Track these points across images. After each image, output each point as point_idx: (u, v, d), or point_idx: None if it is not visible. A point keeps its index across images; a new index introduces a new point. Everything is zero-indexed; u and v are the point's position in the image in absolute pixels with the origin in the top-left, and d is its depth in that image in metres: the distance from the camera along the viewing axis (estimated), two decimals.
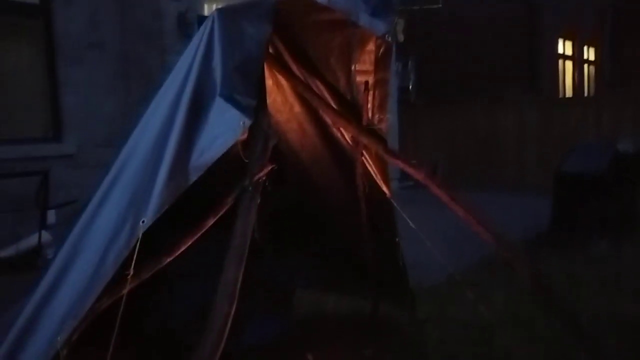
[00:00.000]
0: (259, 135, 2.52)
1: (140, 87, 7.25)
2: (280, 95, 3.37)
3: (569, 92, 16.33)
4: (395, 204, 3.57)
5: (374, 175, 3.39)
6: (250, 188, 2.38)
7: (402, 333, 4.70)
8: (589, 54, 17.72)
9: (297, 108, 3.40)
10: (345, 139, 3.40)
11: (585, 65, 17.60)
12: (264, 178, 2.44)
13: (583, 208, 6.93)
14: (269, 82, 3.28)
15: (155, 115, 2.66)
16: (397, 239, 3.86)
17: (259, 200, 2.38)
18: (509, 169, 12.25)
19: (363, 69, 2.99)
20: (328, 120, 3.33)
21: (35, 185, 5.67)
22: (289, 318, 4.08)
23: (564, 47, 16.16)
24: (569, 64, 16.56)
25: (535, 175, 11.48)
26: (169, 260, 2.38)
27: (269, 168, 2.46)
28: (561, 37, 15.78)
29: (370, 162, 3.37)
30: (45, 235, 5.34)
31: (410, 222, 3.54)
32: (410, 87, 14.35)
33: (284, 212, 3.83)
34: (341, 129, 3.36)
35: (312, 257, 4.15)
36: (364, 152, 3.33)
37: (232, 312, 2.10)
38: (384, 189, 3.42)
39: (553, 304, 3.35)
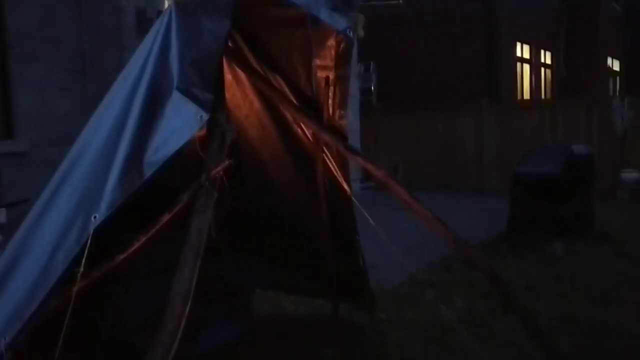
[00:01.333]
0: (217, 130, 2.45)
1: (97, 84, 7.06)
2: (239, 91, 3.31)
3: (527, 95, 16.64)
4: (356, 202, 3.53)
5: (334, 172, 3.35)
6: (206, 184, 2.31)
7: (362, 334, 4.68)
8: (546, 57, 18.10)
9: (257, 104, 3.34)
10: (306, 135, 3.35)
11: (542, 69, 17.96)
12: (221, 174, 2.37)
13: (539, 209, 7.05)
14: (228, 76, 3.21)
15: (109, 110, 2.57)
16: (357, 238, 3.83)
17: (215, 197, 2.31)
18: (468, 171, 12.42)
19: (323, 65, 2.95)
20: (288, 116, 3.28)
21: None
22: (248, 320, 4.00)
23: (522, 50, 16.46)
24: (526, 67, 16.87)
25: (493, 177, 11.67)
26: (122, 258, 2.30)
27: (227, 164, 2.39)
28: (519, 40, 16.07)
29: (331, 160, 3.33)
30: None
31: (370, 220, 3.51)
32: (372, 88, 14.44)
33: (242, 210, 3.76)
34: (301, 125, 3.31)
35: (272, 257, 4.09)
36: (325, 150, 3.29)
37: (186, 312, 2.03)
38: (345, 186, 3.38)
39: (510, 303, 3.36)
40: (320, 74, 2.97)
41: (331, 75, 2.97)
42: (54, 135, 7.05)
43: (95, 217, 2.24)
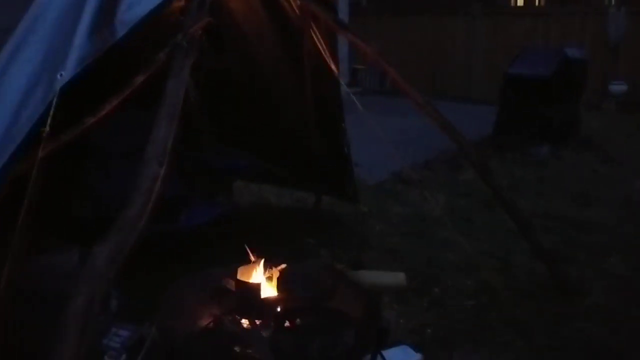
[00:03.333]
0: None
1: None
2: None
3: (520, 2, 16.15)
4: (343, 85, 3.37)
5: (321, 51, 3.16)
6: (184, 43, 2.13)
7: (344, 225, 4.66)
8: None
9: None
10: (292, 8, 3.13)
11: None
12: (200, 33, 2.19)
13: (527, 112, 6.94)
14: None
15: None
16: (342, 125, 3.70)
17: (194, 58, 2.14)
18: (457, 76, 12.20)
19: None
20: None
21: None
22: (229, 204, 3.93)
23: None
24: None
25: (483, 84, 11.47)
26: (93, 121, 2.15)
27: (205, 21, 2.20)
28: None
29: (319, 36, 3.13)
30: None
31: (358, 105, 3.36)
32: None
33: (223, 94, 3.60)
34: None
35: (254, 144, 3.96)
36: (312, 25, 3.08)
37: (162, 174, 1.90)
38: (332, 66, 3.20)
39: (498, 198, 3.31)
40: None
41: None
42: None
43: (61, 74, 2.06)
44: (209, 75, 3.45)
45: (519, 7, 15.09)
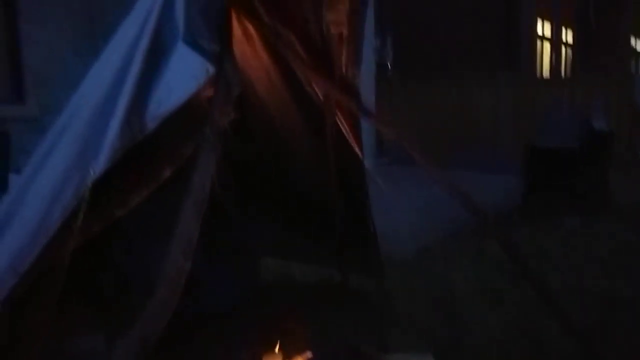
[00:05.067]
0: (223, 82, 2.34)
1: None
2: (249, 47, 3.17)
3: (546, 73, 16.34)
4: (367, 167, 3.42)
5: (345, 134, 3.23)
6: (210, 137, 2.21)
7: (370, 303, 4.60)
8: (567, 36, 17.72)
9: (267, 60, 3.20)
10: (317, 94, 3.22)
11: (563, 47, 17.60)
12: (226, 127, 2.26)
13: (555, 181, 6.90)
14: (237, 31, 3.07)
15: (110, 61, 2.46)
16: (368, 203, 3.72)
17: (220, 151, 2.21)
18: (484, 144, 12.21)
19: (337, 20, 2.81)
20: (299, 73, 3.15)
21: None
22: (253, 284, 3.93)
23: (543, 27, 16.12)
24: (546, 45, 16.54)
25: (510, 153, 11.46)
26: (121, 213, 2.21)
27: (231, 116, 2.28)
28: (540, 17, 15.72)
29: (342, 120, 3.20)
30: None
31: (381, 185, 3.41)
32: (389, 65, 14.26)
33: (250, 170, 3.67)
34: (313, 83, 3.18)
35: (280, 221, 3.99)
36: (336, 109, 3.16)
37: (188, 268, 1.94)
38: (356, 149, 3.26)
39: (524, 274, 3.25)
40: (334, 30, 2.83)
41: (345, 31, 2.84)
42: (64, 99, 6.96)
43: (94, 170, 2.15)
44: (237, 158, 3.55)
45: (545, 78, 15.26)
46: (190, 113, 2.36)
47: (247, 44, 3.14)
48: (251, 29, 3.06)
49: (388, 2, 12.79)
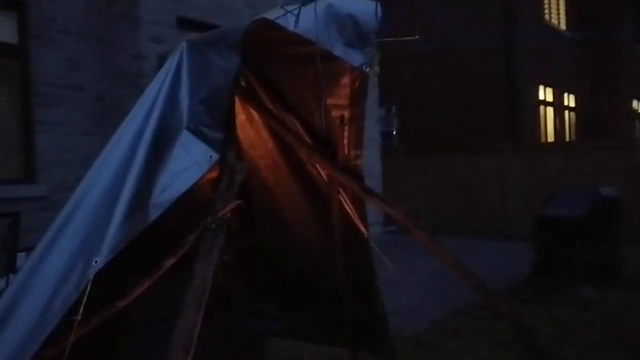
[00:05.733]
0: (226, 169, 2.36)
1: (117, 129, 7.07)
2: (253, 131, 3.23)
3: (550, 138, 16.44)
4: (373, 246, 3.39)
5: (350, 214, 3.23)
6: (213, 226, 2.20)
7: None
8: (570, 100, 17.94)
9: (271, 144, 3.26)
10: (321, 176, 3.25)
11: (566, 112, 17.79)
12: (228, 215, 2.27)
13: (565, 253, 6.81)
14: (241, 117, 3.14)
15: (116, 149, 2.50)
16: (375, 283, 3.67)
17: (222, 240, 2.20)
18: (492, 214, 12.18)
19: (338, 103, 2.86)
20: (302, 157, 3.18)
21: (5, 228, 5.46)
22: None
23: (545, 93, 16.35)
24: (550, 110, 16.72)
25: (518, 220, 11.40)
26: (124, 304, 2.19)
27: (234, 204, 2.29)
28: (542, 83, 15.98)
29: (347, 201, 3.21)
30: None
31: (388, 264, 3.37)
32: (394, 132, 14.42)
33: (255, 254, 3.65)
34: (316, 166, 3.21)
35: (286, 303, 3.93)
36: (340, 191, 3.18)
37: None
38: (361, 229, 3.25)
39: (536, 353, 3.16)
40: (335, 113, 2.88)
41: (346, 114, 2.88)
42: (73, 179, 7.05)
43: (96, 261, 2.14)
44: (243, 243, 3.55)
45: (549, 143, 15.34)
46: (193, 201, 2.38)
47: (251, 129, 3.20)
48: (255, 114, 3.12)
49: (392, 73, 13.09)
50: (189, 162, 2.44)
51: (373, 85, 12.04)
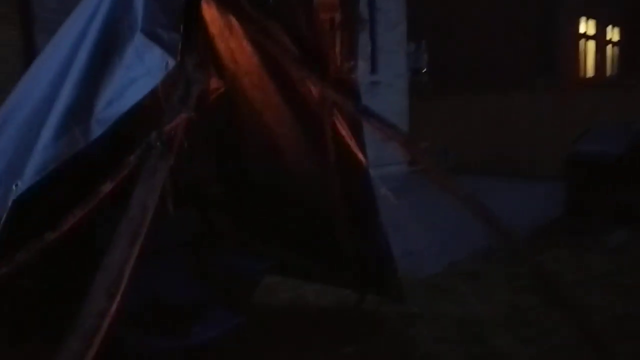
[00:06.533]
0: (181, 77, 1.94)
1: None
2: (234, 42, 2.78)
3: (590, 74, 15.53)
4: (371, 175, 2.97)
5: (347, 140, 2.79)
6: (158, 144, 1.80)
7: (388, 329, 4.12)
8: (613, 34, 16.87)
9: (256, 59, 2.80)
10: (312, 94, 2.79)
11: (609, 46, 16.75)
12: (178, 132, 1.86)
13: (597, 193, 6.28)
14: (218, 23, 2.69)
15: (53, 57, 2.09)
16: (377, 219, 3.27)
17: (171, 162, 1.81)
18: (523, 153, 11.60)
19: (327, 2, 2.38)
20: (291, 72, 2.73)
21: None
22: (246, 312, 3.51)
23: (587, 26, 15.34)
24: (590, 44, 15.71)
25: (549, 161, 10.81)
26: (53, 238, 1.83)
27: (183, 119, 1.88)
28: (584, 15, 14.96)
29: (343, 124, 2.77)
30: None
31: (391, 197, 2.96)
32: (423, 69, 13.89)
33: (241, 186, 3.27)
34: (308, 84, 2.76)
35: (279, 239, 3.56)
36: (335, 113, 2.73)
37: (113, 310, 1.53)
38: (360, 157, 2.82)
39: (556, 299, 2.77)
40: (324, 15, 2.40)
41: (337, 16, 2.41)
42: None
43: (17, 184, 1.77)
44: (229, 172, 3.18)
45: (587, 79, 14.51)
46: (144, 116, 1.97)
47: (231, 38, 2.75)
48: (235, 22, 2.66)
49: (422, 6, 12.38)
50: (142, 71, 2.03)
51: (401, 19, 11.41)
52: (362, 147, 2.87)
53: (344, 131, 2.78)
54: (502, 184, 9.41)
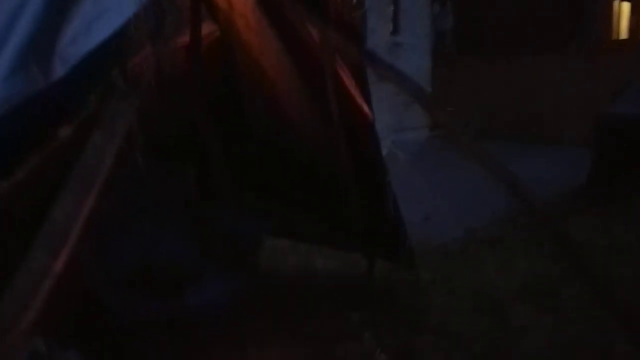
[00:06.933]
0: (154, 10, 1.70)
1: None
2: None
3: (624, 36, 14.86)
4: (376, 131, 2.71)
5: (351, 91, 2.53)
6: (121, 83, 1.57)
7: (397, 297, 3.91)
8: None
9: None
10: (313, 39, 2.52)
11: None
12: (146, 69, 1.63)
13: (627, 158, 5.93)
14: None
15: None
16: (386, 180, 3.02)
17: (136, 104, 1.58)
18: (550, 119, 11.19)
19: None
20: (287, 13, 2.45)
21: None
22: (252, 275, 3.31)
23: None
24: (625, 6, 15.00)
25: (578, 127, 10.40)
26: (7, 187, 1.63)
27: (149, 53, 1.64)
28: None
29: (345, 72, 2.50)
30: None
31: (408, 161, 2.72)
32: (448, 31, 13.48)
33: (242, 143, 3.04)
34: (309, 29, 2.49)
35: (281, 199, 3.34)
36: (337, 59, 2.47)
37: (57, 270, 1.32)
38: (364, 110, 2.56)
39: (578, 267, 2.55)
40: None
41: None
42: None
43: None
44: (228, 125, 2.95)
45: (620, 41, 13.89)
46: (110, 55, 1.74)
47: None
48: None
49: None
50: (112, 2, 1.79)
51: None
52: (368, 98, 2.61)
53: (348, 81, 2.52)
54: (527, 150, 9.09)
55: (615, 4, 14.47)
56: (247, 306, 3.20)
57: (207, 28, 2.63)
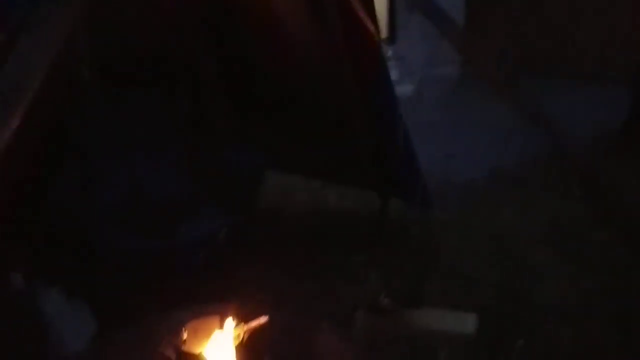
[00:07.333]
0: None
1: None
2: None
3: None
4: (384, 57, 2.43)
5: (355, 9, 2.24)
6: None
7: (412, 238, 3.69)
8: None
9: None
10: None
11: None
12: None
13: None
14: None
15: None
16: (397, 111, 2.76)
17: (77, 10, 1.33)
18: (593, 55, 10.56)
19: None
20: None
21: None
22: (248, 212, 3.12)
23: None
24: None
25: (626, 64, 9.81)
26: None
27: None
28: None
29: None
30: None
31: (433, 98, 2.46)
32: None
33: (240, 70, 2.79)
34: None
35: (282, 131, 3.11)
36: None
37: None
38: (369, 28, 2.28)
39: (606, 213, 2.66)
40: None
41: None
42: None
43: None
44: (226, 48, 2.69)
45: None
46: None
47: None
48: None
49: None
50: None
51: None
52: (374, 17, 2.32)
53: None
54: (566, 87, 8.63)
55: None
56: (244, 244, 3.05)
57: None
